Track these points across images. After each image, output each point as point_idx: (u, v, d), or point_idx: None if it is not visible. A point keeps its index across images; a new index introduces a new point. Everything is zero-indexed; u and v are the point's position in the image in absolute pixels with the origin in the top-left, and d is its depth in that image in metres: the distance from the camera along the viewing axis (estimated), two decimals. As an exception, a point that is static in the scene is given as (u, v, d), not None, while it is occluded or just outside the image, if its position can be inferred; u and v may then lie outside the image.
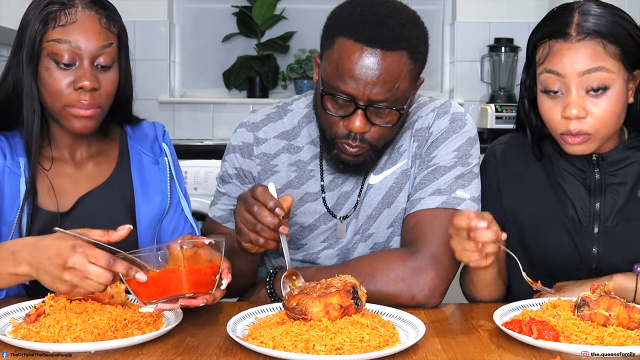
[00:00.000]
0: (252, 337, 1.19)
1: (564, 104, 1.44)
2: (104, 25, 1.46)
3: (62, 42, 1.43)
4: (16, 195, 1.49)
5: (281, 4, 3.92)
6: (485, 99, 3.86)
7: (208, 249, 1.27)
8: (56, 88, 1.44)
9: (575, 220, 1.54)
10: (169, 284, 1.22)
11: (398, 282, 1.46)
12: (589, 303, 1.24)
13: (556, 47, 1.44)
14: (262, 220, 1.36)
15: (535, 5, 3.83)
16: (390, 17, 1.42)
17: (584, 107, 1.43)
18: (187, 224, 1.66)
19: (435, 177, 1.55)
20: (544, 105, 1.48)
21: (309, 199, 1.62)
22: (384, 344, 1.16)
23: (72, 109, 1.45)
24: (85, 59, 1.44)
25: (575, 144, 1.46)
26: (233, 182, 1.67)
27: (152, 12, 3.85)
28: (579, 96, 1.43)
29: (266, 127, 1.66)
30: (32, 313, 1.26)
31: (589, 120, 1.43)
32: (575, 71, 1.42)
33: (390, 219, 1.60)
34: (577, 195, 1.54)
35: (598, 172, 1.53)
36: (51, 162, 1.55)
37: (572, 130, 1.44)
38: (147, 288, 1.23)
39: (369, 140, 1.48)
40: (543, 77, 1.46)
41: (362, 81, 1.40)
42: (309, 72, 3.84)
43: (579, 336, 1.19)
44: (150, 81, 3.84)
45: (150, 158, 1.63)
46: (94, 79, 1.44)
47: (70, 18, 1.44)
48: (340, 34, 1.43)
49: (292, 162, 1.64)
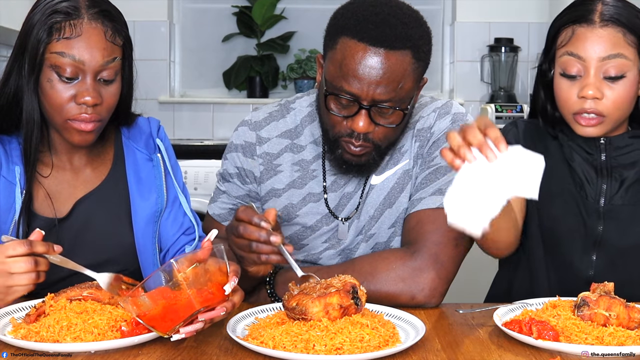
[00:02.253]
0: (252, 337, 1.19)
1: (581, 85, 1.50)
2: (109, 38, 1.43)
3: (65, 55, 1.39)
4: (11, 204, 1.47)
5: (281, 4, 3.92)
6: (485, 99, 3.86)
7: (212, 259, 1.23)
8: (57, 100, 1.42)
9: (583, 196, 1.58)
10: (179, 308, 1.17)
11: (398, 282, 1.46)
12: (589, 303, 1.24)
13: (579, 31, 1.51)
14: (252, 237, 1.34)
15: (535, 5, 3.83)
16: (393, 17, 1.42)
17: (601, 90, 1.49)
18: (185, 219, 1.63)
19: (437, 177, 1.55)
20: (561, 87, 1.54)
21: (311, 199, 1.62)
22: (384, 344, 1.16)
23: (74, 122, 1.43)
24: (88, 74, 1.41)
25: (588, 125, 1.52)
26: (233, 182, 1.67)
27: (152, 12, 3.85)
28: (597, 78, 1.49)
29: (269, 125, 1.66)
30: (32, 313, 1.26)
31: (604, 102, 1.50)
32: (596, 55, 1.49)
33: (391, 219, 1.60)
34: (585, 173, 1.59)
35: (605, 155, 1.58)
36: (51, 168, 1.53)
37: (587, 108, 1.50)
38: (160, 320, 1.18)
39: (372, 140, 1.47)
40: (563, 59, 1.53)
41: (366, 81, 1.40)
42: (309, 72, 3.84)
43: (579, 336, 1.19)
44: (150, 81, 3.84)
45: (145, 155, 1.60)
46: (97, 94, 1.42)
47: (75, 31, 1.39)
48: (343, 33, 1.43)
49: (295, 162, 1.64)
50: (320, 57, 1.53)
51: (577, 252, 1.57)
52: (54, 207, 1.51)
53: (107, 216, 1.55)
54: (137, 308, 1.17)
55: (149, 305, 1.16)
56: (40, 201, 1.51)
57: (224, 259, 1.23)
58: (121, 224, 1.55)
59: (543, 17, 3.82)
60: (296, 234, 1.63)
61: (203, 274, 1.20)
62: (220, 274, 1.22)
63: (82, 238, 1.50)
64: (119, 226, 1.55)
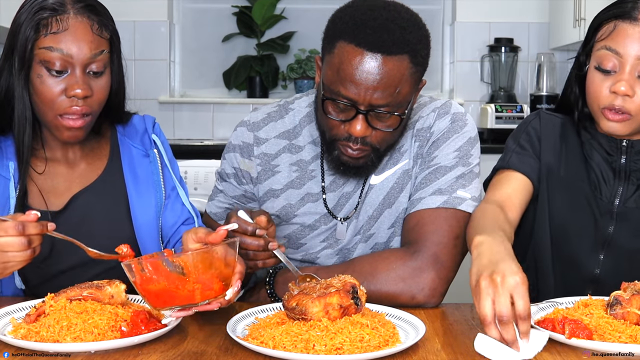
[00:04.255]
0: (252, 337, 1.19)
1: (614, 80, 1.50)
2: (96, 31, 1.45)
3: (53, 49, 1.42)
4: (6, 199, 1.48)
5: (281, 4, 3.93)
6: (485, 99, 3.86)
7: (222, 247, 1.24)
8: (48, 95, 1.44)
9: (597, 196, 1.58)
10: (179, 295, 1.20)
11: (398, 282, 1.46)
12: (622, 302, 1.24)
13: (621, 26, 1.51)
14: (249, 248, 1.37)
15: (535, 5, 3.83)
16: (391, 21, 1.41)
17: (633, 87, 1.49)
18: (184, 210, 1.64)
19: (436, 177, 1.55)
20: (594, 79, 1.54)
21: (309, 199, 1.62)
22: (384, 344, 1.16)
23: (64, 119, 1.45)
24: (77, 67, 1.43)
25: (614, 120, 1.51)
26: (230, 182, 1.68)
27: (152, 12, 3.85)
28: (631, 76, 1.49)
29: (267, 126, 1.66)
30: (32, 313, 1.25)
31: (635, 100, 1.49)
32: (634, 53, 1.49)
33: (391, 220, 1.60)
34: (603, 173, 1.59)
35: (625, 158, 1.58)
36: (45, 164, 1.54)
37: (615, 105, 1.50)
38: (154, 296, 1.21)
39: (370, 143, 1.47)
40: (600, 53, 1.52)
41: (363, 86, 1.40)
42: (309, 72, 3.85)
43: (613, 335, 1.19)
44: (150, 81, 3.85)
45: (141, 151, 1.62)
46: (87, 86, 1.44)
47: (61, 25, 1.43)
48: (341, 38, 1.42)
49: (293, 162, 1.64)
50: (319, 59, 1.53)
51: (584, 250, 1.57)
52: (46, 202, 1.52)
53: (104, 211, 1.56)
54: (137, 276, 1.20)
55: (149, 280, 1.19)
56: (35, 196, 1.52)
57: (234, 252, 1.25)
58: (120, 218, 1.56)
59: (543, 17, 3.83)
60: (294, 233, 1.64)
61: (209, 259, 1.21)
62: (225, 267, 1.24)
63: (80, 232, 1.51)
64: (118, 221, 1.56)
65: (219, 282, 1.23)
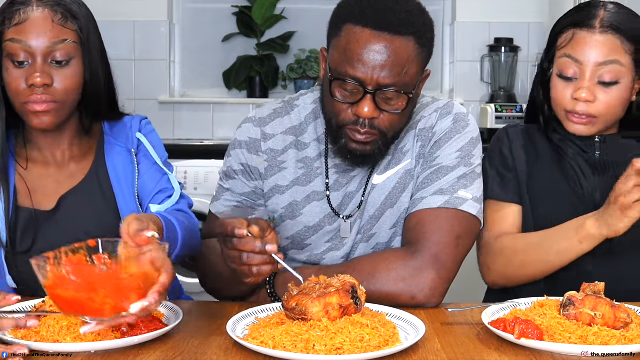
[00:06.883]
0: (252, 337, 1.19)
1: (576, 87, 1.56)
2: (58, 21, 1.49)
3: (15, 41, 1.47)
4: None
5: (281, 4, 3.92)
6: (485, 99, 3.86)
7: (155, 251, 1.15)
8: (13, 86, 1.48)
9: (578, 192, 1.61)
10: (88, 305, 1.10)
11: (399, 282, 1.46)
12: (575, 302, 1.24)
13: (579, 35, 1.56)
14: (246, 249, 1.27)
15: (535, 5, 3.83)
16: (396, 4, 1.45)
17: (594, 93, 1.54)
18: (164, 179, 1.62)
19: (438, 177, 1.55)
20: (557, 86, 1.60)
21: (315, 197, 1.62)
22: (384, 344, 1.16)
23: (28, 104, 1.48)
24: (38, 57, 1.47)
25: (579, 123, 1.57)
26: (238, 178, 1.67)
27: (152, 12, 3.85)
28: (592, 82, 1.55)
29: (274, 122, 1.66)
30: (32, 312, 1.25)
31: (597, 105, 1.55)
32: (593, 60, 1.54)
33: (393, 220, 1.60)
34: (582, 168, 1.62)
35: (599, 154, 1.62)
36: (26, 162, 1.58)
37: (578, 110, 1.56)
38: (65, 304, 1.12)
39: (378, 127, 1.47)
40: (561, 61, 1.58)
41: (371, 65, 1.41)
42: (309, 72, 3.84)
43: (563, 335, 1.19)
44: (150, 81, 3.84)
45: (124, 149, 1.64)
46: (46, 75, 1.47)
47: (22, 17, 1.47)
48: (347, 21, 1.45)
49: (299, 159, 1.64)
50: (324, 50, 1.54)
51: None
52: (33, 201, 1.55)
53: (92, 210, 1.58)
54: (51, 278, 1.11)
55: (62, 284, 1.11)
56: (23, 195, 1.56)
57: (161, 258, 1.15)
58: (108, 217, 1.58)
59: (543, 17, 3.82)
60: (299, 234, 1.63)
61: (139, 265, 1.13)
62: (150, 275, 1.14)
63: (69, 232, 1.52)
64: (106, 220, 1.57)
65: (138, 291, 1.12)
